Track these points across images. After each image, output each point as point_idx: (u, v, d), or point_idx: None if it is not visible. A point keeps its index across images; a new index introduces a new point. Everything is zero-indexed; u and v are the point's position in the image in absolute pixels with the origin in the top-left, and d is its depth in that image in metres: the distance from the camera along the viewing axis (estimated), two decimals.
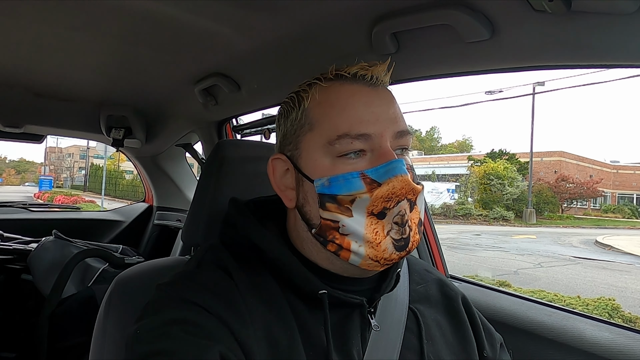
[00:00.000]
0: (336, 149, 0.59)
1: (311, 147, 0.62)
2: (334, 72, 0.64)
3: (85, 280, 1.82)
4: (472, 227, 16.92)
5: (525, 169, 21.91)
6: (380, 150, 0.59)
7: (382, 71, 0.63)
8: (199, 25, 1.05)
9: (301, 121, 0.63)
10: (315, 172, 0.61)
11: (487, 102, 27.74)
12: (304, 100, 0.64)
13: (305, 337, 0.58)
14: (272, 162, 0.67)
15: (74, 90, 1.76)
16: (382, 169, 0.58)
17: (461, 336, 0.71)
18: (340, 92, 0.62)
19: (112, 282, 0.82)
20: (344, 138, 0.59)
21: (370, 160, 0.59)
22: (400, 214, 0.58)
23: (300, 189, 0.63)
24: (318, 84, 0.64)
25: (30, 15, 1.05)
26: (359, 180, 0.58)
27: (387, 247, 0.58)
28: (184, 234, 0.93)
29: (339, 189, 0.58)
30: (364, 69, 0.62)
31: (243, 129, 1.86)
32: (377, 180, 0.57)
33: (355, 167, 0.59)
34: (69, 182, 36.32)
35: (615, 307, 4.15)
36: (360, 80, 0.62)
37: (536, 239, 13.28)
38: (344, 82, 0.62)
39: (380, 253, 0.58)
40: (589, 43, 0.69)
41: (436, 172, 24.16)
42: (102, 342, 0.77)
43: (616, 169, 28.60)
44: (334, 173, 0.59)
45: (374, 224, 0.58)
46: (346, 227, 0.58)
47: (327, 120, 0.61)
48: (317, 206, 0.60)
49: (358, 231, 0.58)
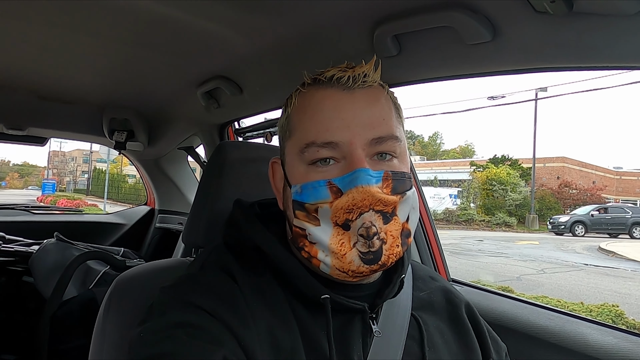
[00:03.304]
0: (305, 156, 0.59)
1: (290, 153, 0.62)
2: (312, 77, 0.62)
3: (87, 282, 1.82)
4: (475, 233, 16.86)
5: (528, 174, 21.85)
6: (350, 158, 0.57)
7: (364, 72, 0.60)
8: (202, 28, 1.05)
9: (285, 127, 0.64)
10: (292, 178, 0.61)
11: (489, 107, 27.74)
12: (288, 107, 0.64)
13: (307, 342, 0.57)
14: (272, 165, 0.68)
15: (77, 92, 1.77)
16: (347, 178, 0.56)
17: (464, 344, 0.70)
18: (313, 97, 0.61)
19: (112, 283, 0.82)
20: (311, 146, 0.58)
21: (342, 169, 0.58)
22: (364, 227, 0.56)
23: (285, 193, 0.64)
24: (299, 89, 0.63)
25: (34, 18, 1.05)
26: (325, 189, 0.57)
27: (352, 259, 0.56)
28: (185, 235, 0.93)
29: (307, 197, 0.58)
30: (342, 71, 0.60)
31: (245, 131, 1.86)
32: (342, 190, 0.56)
33: (325, 175, 0.58)
34: (71, 186, 36.38)
35: (619, 313, 4.11)
36: (335, 84, 0.60)
37: (539, 245, 13.22)
38: (319, 87, 0.61)
39: (346, 265, 0.56)
40: (591, 44, 0.69)
41: (438, 178, 24.11)
42: (102, 343, 0.77)
43: (619, 175, 28.48)
44: (305, 180, 0.59)
45: (340, 235, 0.57)
46: (312, 235, 0.58)
47: (300, 127, 0.61)
48: (292, 212, 0.60)
49: (323, 240, 0.57)
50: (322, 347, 0.58)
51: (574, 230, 16.96)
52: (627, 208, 17.73)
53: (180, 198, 2.46)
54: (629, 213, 17.16)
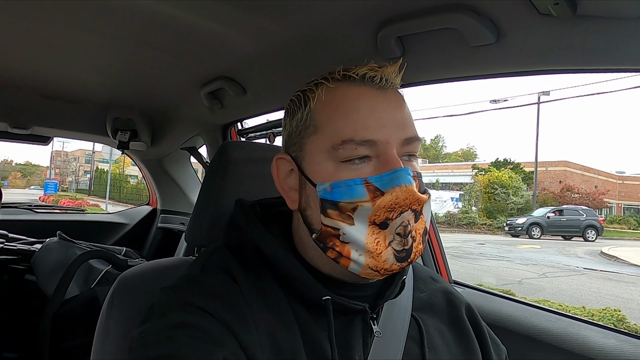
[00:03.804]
0: (340, 154, 0.57)
1: (315, 150, 0.60)
2: (341, 73, 0.61)
3: (89, 281, 1.82)
4: (476, 236, 16.81)
5: (530, 178, 21.82)
6: (385, 157, 0.57)
7: (392, 73, 0.60)
8: (206, 28, 1.05)
9: (306, 122, 0.61)
10: (318, 176, 0.59)
11: (492, 110, 27.71)
12: (310, 101, 0.62)
13: (308, 343, 0.57)
14: (277, 161, 0.65)
15: (82, 92, 1.78)
16: (386, 177, 0.56)
17: (464, 346, 0.70)
18: (347, 94, 0.59)
19: (115, 281, 0.82)
20: (348, 143, 0.57)
21: (376, 167, 0.57)
22: (402, 225, 0.56)
23: (302, 192, 0.62)
24: (325, 84, 0.61)
25: (39, 17, 1.06)
26: (362, 187, 0.56)
27: (387, 257, 0.56)
28: (188, 234, 0.94)
29: (340, 196, 0.56)
30: (373, 70, 0.60)
31: (248, 132, 1.87)
32: (381, 189, 0.55)
33: (358, 173, 0.57)
34: (74, 186, 36.47)
35: (620, 318, 4.10)
36: (369, 83, 0.59)
37: (540, 249, 13.18)
38: (351, 83, 0.60)
39: (381, 263, 0.56)
40: (595, 47, 0.69)
41: (440, 181, 24.09)
42: (104, 340, 0.77)
43: (622, 180, 28.40)
44: (336, 178, 0.57)
45: (376, 234, 0.56)
46: (347, 235, 0.56)
47: (332, 123, 0.59)
48: (318, 211, 0.59)
49: (359, 240, 0.56)
50: (324, 348, 0.58)
51: (530, 232, 16.68)
52: (582, 210, 17.62)
53: (182, 198, 2.47)
54: (583, 216, 17.08)
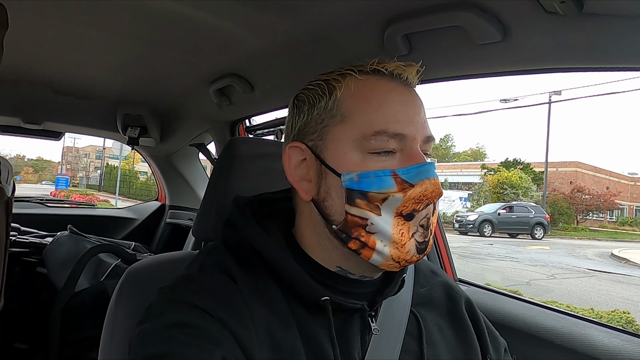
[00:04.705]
0: (371, 144, 0.58)
1: (341, 139, 0.59)
2: (372, 67, 0.62)
3: (98, 275, 1.85)
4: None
5: (540, 178, 21.60)
6: (410, 152, 0.58)
7: (415, 73, 0.62)
8: (215, 26, 1.07)
9: (332, 111, 0.61)
10: (342, 165, 0.59)
11: (502, 110, 27.46)
12: (335, 90, 0.61)
13: (306, 342, 0.57)
14: (289, 149, 0.64)
15: (93, 88, 1.80)
16: (414, 170, 0.57)
17: (463, 340, 0.70)
18: (378, 87, 0.60)
19: (124, 274, 0.84)
20: (381, 135, 0.58)
21: (400, 161, 0.58)
22: (426, 217, 0.59)
23: (322, 181, 0.61)
24: (353, 75, 0.61)
25: (51, 15, 1.08)
26: (390, 179, 0.57)
27: (410, 248, 0.58)
28: (195, 228, 0.95)
29: (369, 186, 0.57)
30: (400, 68, 0.61)
31: (256, 129, 1.88)
32: (408, 181, 0.57)
33: (386, 165, 0.58)
34: (84, 182, 36.92)
35: (629, 320, 4.06)
36: (397, 79, 0.61)
37: (550, 250, 13.05)
38: (381, 77, 0.61)
39: (404, 254, 0.58)
40: (602, 45, 0.69)
41: (449, 180, 23.97)
42: (113, 332, 0.79)
43: (634, 181, 28.01)
44: (364, 169, 0.58)
45: (401, 225, 0.57)
46: (375, 225, 0.57)
47: (362, 114, 0.59)
48: (342, 201, 0.58)
49: (386, 230, 0.57)
50: (323, 347, 0.58)
51: (482, 230, 15.85)
52: (531, 207, 17.05)
53: (190, 194, 2.49)
54: (532, 213, 16.58)
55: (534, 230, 16.32)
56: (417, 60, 0.93)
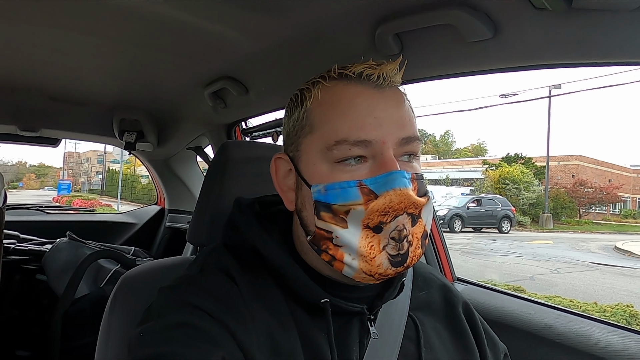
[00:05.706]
0: (334, 154, 0.56)
1: (310, 150, 0.59)
2: (337, 71, 0.60)
3: (98, 280, 1.85)
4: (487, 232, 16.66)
5: (542, 173, 21.57)
6: (381, 158, 0.55)
7: (392, 70, 0.58)
8: (208, 29, 1.06)
9: (302, 122, 0.60)
10: (313, 177, 0.58)
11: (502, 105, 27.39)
12: (306, 100, 0.61)
13: (305, 344, 0.57)
14: (275, 161, 0.64)
15: (88, 94, 1.80)
16: (381, 179, 0.54)
17: (461, 345, 0.70)
18: (343, 93, 0.58)
19: (119, 280, 0.83)
20: (342, 144, 0.55)
21: (371, 169, 0.56)
22: (397, 229, 0.55)
23: (299, 192, 0.61)
24: (321, 83, 0.60)
25: (43, 21, 1.08)
26: (355, 190, 0.54)
27: (382, 262, 0.55)
28: (190, 234, 0.94)
29: (334, 198, 0.55)
30: (371, 68, 0.58)
31: (252, 131, 1.88)
32: (375, 192, 0.54)
33: (353, 175, 0.55)
34: (86, 186, 36.99)
35: (633, 313, 4.04)
36: (366, 81, 0.58)
37: (553, 244, 13.03)
38: (348, 82, 0.58)
39: (375, 268, 0.55)
40: (592, 41, 0.69)
41: (450, 177, 23.93)
42: (107, 339, 0.78)
43: (636, 174, 27.93)
44: (331, 180, 0.56)
45: (370, 238, 0.55)
46: (340, 238, 0.55)
47: (327, 123, 0.57)
48: (312, 213, 0.57)
49: (352, 244, 0.55)
50: (321, 349, 0.57)
51: (452, 225, 15.18)
52: (497, 200, 16.75)
53: (189, 198, 2.49)
54: (499, 205, 16.24)
55: (501, 224, 16.04)
56: (409, 58, 0.93)
